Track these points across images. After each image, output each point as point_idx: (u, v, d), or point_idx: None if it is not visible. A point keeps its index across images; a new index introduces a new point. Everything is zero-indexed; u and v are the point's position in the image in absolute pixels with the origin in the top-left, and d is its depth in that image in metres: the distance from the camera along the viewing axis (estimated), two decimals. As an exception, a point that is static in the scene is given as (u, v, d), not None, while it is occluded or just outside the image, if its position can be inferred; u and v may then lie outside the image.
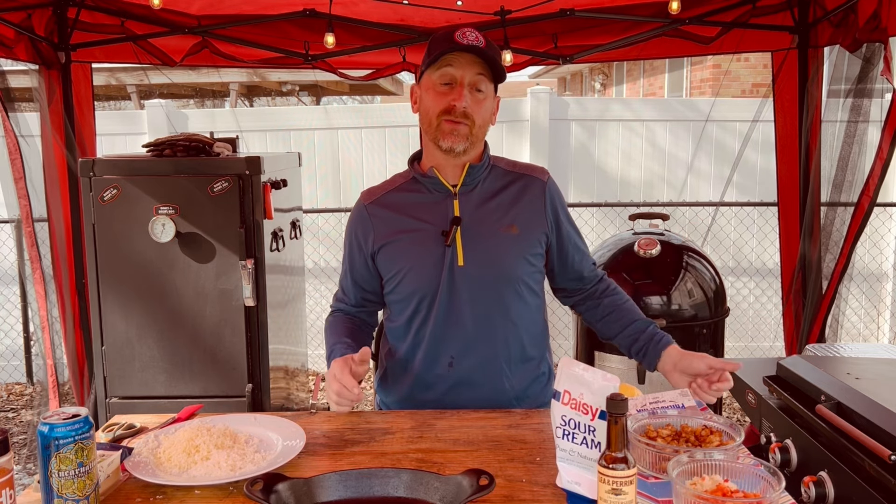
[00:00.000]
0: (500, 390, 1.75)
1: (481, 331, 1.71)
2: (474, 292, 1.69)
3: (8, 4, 2.80)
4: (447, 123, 1.65)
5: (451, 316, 1.70)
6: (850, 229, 2.69)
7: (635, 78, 12.65)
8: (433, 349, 1.73)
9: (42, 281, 3.10)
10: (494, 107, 1.75)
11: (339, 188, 5.35)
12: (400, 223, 1.73)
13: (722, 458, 1.22)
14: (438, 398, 1.75)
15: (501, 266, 1.70)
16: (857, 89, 2.82)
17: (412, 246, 1.70)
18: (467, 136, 1.66)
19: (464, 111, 1.64)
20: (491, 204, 1.74)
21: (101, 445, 1.45)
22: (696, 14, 3.18)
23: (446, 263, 1.68)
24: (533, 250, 1.74)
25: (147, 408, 2.77)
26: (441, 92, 1.66)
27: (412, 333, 1.75)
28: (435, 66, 1.67)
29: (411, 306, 1.73)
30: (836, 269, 2.78)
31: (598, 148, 5.31)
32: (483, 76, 1.66)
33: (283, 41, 3.37)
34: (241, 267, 2.76)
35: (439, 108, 1.66)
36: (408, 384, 1.78)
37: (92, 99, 3.42)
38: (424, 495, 1.25)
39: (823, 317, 2.86)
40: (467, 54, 1.63)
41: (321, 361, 5.49)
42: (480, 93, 1.67)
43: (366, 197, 1.82)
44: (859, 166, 2.85)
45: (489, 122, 1.73)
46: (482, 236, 1.70)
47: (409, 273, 1.70)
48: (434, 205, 1.73)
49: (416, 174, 1.77)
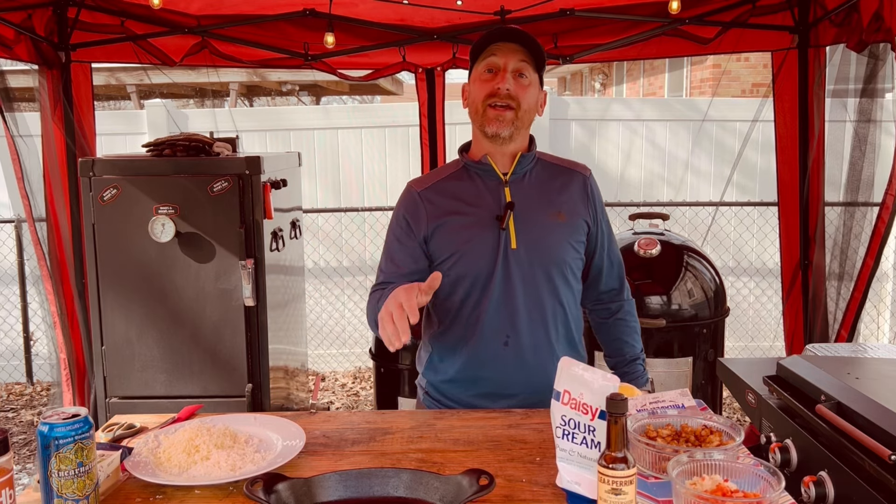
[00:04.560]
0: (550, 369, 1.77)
1: (533, 311, 1.78)
2: (526, 274, 1.76)
3: (8, 4, 2.80)
4: (491, 110, 1.72)
5: (506, 296, 1.76)
6: (876, 228, 2.68)
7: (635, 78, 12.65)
8: (489, 328, 1.78)
9: (50, 278, 3.10)
10: (541, 98, 1.81)
11: (339, 188, 5.35)
12: (453, 207, 1.78)
13: (722, 457, 1.22)
14: (492, 376, 1.79)
15: (551, 250, 1.78)
16: (867, 89, 2.82)
17: (467, 229, 1.76)
18: (512, 120, 1.72)
19: (508, 93, 1.70)
20: (540, 192, 1.81)
21: (101, 445, 1.45)
22: (695, 14, 3.17)
23: (501, 246, 1.75)
24: (577, 237, 1.83)
25: (147, 408, 2.77)
26: (485, 79, 1.74)
27: (467, 313, 1.79)
28: (480, 59, 1.75)
29: (466, 287, 1.77)
30: (863, 268, 2.77)
31: (598, 148, 5.31)
32: (526, 63, 1.73)
33: (282, 41, 3.37)
34: (241, 267, 2.76)
35: (484, 93, 1.73)
36: (461, 362, 1.81)
37: (92, 99, 3.41)
38: (424, 495, 1.25)
39: (853, 317, 2.86)
40: (510, 43, 1.71)
41: (321, 361, 5.49)
42: (524, 78, 1.73)
43: (416, 184, 1.87)
44: (878, 165, 2.85)
45: (535, 111, 1.79)
46: (533, 222, 1.77)
47: (466, 255, 1.76)
48: (486, 191, 1.79)
49: (468, 162, 1.83)
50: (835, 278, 3.04)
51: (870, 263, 2.73)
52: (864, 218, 2.91)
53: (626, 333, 1.97)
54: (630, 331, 1.98)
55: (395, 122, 5.28)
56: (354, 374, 5.48)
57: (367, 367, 5.44)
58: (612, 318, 1.98)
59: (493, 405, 1.78)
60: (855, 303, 2.83)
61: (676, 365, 3.13)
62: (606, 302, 1.98)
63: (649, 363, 3.08)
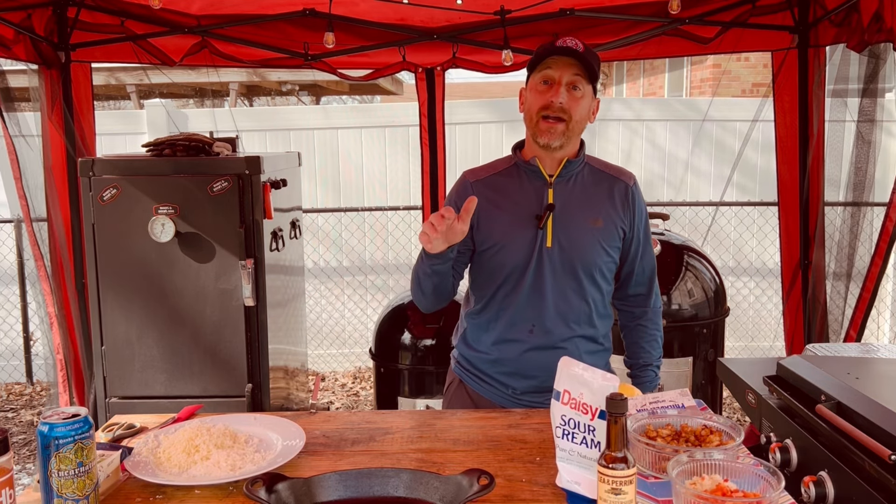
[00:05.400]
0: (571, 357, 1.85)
1: (560, 306, 1.90)
2: (557, 271, 1.89)
3: (8, 4, 2.79)
4: (544, 122, 1.83)
5: (536, 289, 1.89)
6: (884, 228, 2.69)
7: (635, 77, 12.64)
8: (517, 315, 1.91)
9: (47, 278, 3.10)
10: (594, 107, 1.91)
11: (339, 188, 5.35)
12: (500, 202, 1.91)
13: (722, 457, 1.22)
14: (517, 356, 1.92)
15: (583, 253, 1.89)
16: (868, 89, 2.82)
17: (509, 225, 1.89)
18: (563, 132, 1.83)
19: (561, 106, 1.81)
20: (581, 197, 1.92)
21: (101, 445, 1.45)
22: (695, 14, 3.17)
23: (537, 244, 1.87)
24: (612, 242, 1.93)
25: (147, 408, 2.77)
26: (541, 91, 1.84)
27: (500, 298, 1.93)
28: (537, 70, 1.86)
29: (502, 276, 1.91)
30: (871, 268, 2.78)
31: (599, 148, 5.31)
32: (580, 77, 1.82)
33: (282, 41, 3.37)
34: (241, 267, 2.76)
35: (539, 105, 1.84)
36: (490, 341, 1.96)
37: (92, 98, 3.41)
38: (424, 495, 1.25)
39: (862, 317, 2.86)
40: (566, 57, 1.81)
41: (321, 361, 5.49)
42: (577, 90, 1.83)
43: (471, 175, 1.99)
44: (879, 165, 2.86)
45: (586, 120, 1.89)
46: (570, 224, 1.89)
47: (505, 248, 1.89)
48: (531, 191, 1.91)
49: (519, 161, 1.95)
50: (836, 278, 3.04)
51: (878, 263, 2.74)
52: (864, 218, 2.91)
53: (645, 339, 2.08)
54: (648, 337, 2.08)
55: (394, 122, 5.28)
56: (354, 374, 5.48)
57: (367, 367, 5.45)
58: (634, 322, 2.10)
59: (516, 384, 1.94)
60: (864, 303, 2.83)
61: (676, 365, 3.13)
62: (632, 305, 2.09)
63: (649, 363, 3.09)
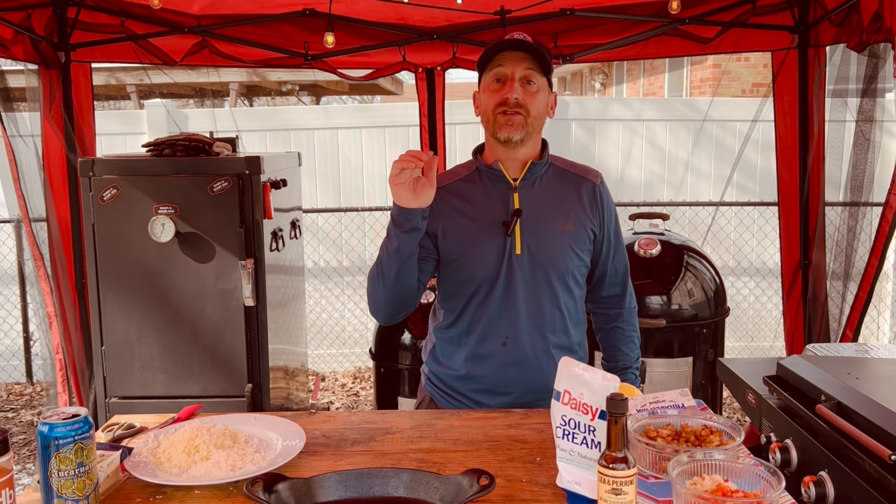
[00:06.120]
0: (546, 371, 1.82)
1: (533, 315, 1.82)
2: (528, 279, 1.81)
3: (8, 4, 2.79)
4: (502, 116, 1.76)
5: (508, 300, 1.81)
6: (880, 228, 2.69)
7: (635, 77, 12.64)
8: (489, 328, 1.83)
9: (46, 278, 3.10)
10: (551, 101, 1.85)
11: (339, 188, 5.35)
12: (464, 210, 1.83)
13: (722, 457, 1.22)
14: (491, 373, 1.84)
15: (554, 258, 1.82)
16: (868, 89, 2.82)
17: (475, 233, 1.81)
18: (522, 125, 1.76)
19: (517, 101, 1.75)
20: (548, 199, 1.85)
21: (101, 445, 1.45)
22: (695, 14, 3.17)
23: (506, 252, 1.80)
24: (583, 245, 1.86)
25: (147, 408, 2.77)
26: (494, 89, 1.78)
27: (471, 312, 1.84)
28: (488, 69, 1.79)
29: (472, 288, 1.82)
30: (867, 268, 2.78)
31: (599, 148, 5.31)
32: (533, 70, 1.76)
33: (282, 41, 3.37)
34: (241, 267, 2.76)
35: (494, 103, 1.77)
36: (461, 358, 1.87)
37: (92, 99, 3.41)
38: (424, 495, 1.25)
39: (858, 317, 2.86)
40: (516, 52, 1.75)
41: (321, 361, 5.49)
42: (532, 84, 1.77)
43: None
44: (878, 165, 2.86)
45: (545, 114, 1.83)
46: (539, 229, 1.81)
47: (473, 258, 1.81)
48: (496, 196, 1.84)
49: (481, 166, 1.87)
50: (836, 278, 3.04)
51: (874, 263, 2.74)
52: (864, 218, 2.91)
53: (622, 342, 2.01)
54: (626, 339, 2.01)
55: (395, 122, 5.28)
56: (354, 374, 5.48)
57: (367, 367, 5.44)
58: (610, 324, 2.02)
59: (489, 401, 1.85)
60: (860, 303, 2.83)
61: (676, 365, 3.13)
62: (607, 307, 2.02)
63: (649, 363, 3.10)
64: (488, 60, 1.78)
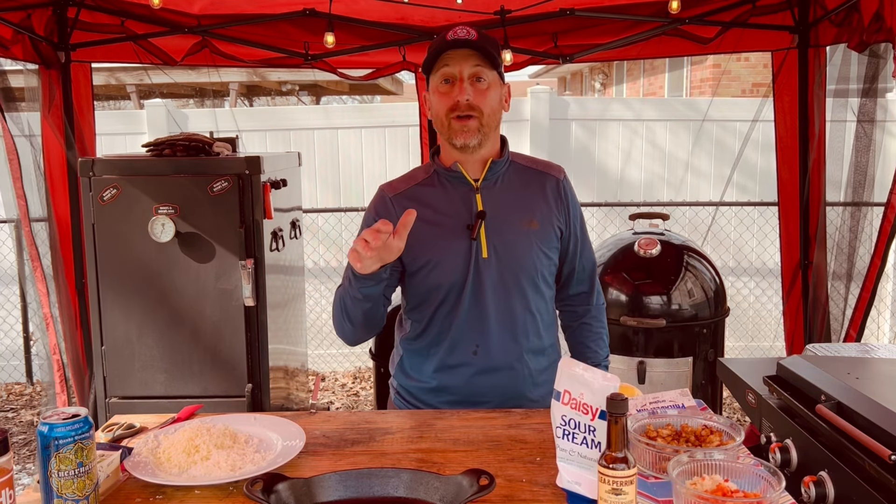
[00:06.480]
0: (520, 376, 1.80)
1: (504, 319, 1.76)
2: (497, 284, 1.75)
3: (7, 4, 2.79)
4: (456, 121, 1.70)
5: (477, 306, 1.75)
6: (882, 228, 2.69)
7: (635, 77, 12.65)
8: (459, 337, 1.77)
9: (43, 279, 3.10)
10: (504, 93, 1.79)
11: (339, 188, 5.35)
12: (425, 215, 1.73)
13: (722, 457, 1.22)
14: (462, 384, 1.79)
15: (522, 259, 1.76)
16: (868, 89, 2.82)
17: (438, 239, 1.74)
18: (478, 128, 1.71)
19: (468, 103, 1.68)
20: (512, 198, 1.79)
21: (101, 445, 1.45)
22: (695, 14, 3.17)
23: (472, 256, 1.73)
24: (550, 244, 1.80)
25: (147, 408, 2.77)
26: (444, 91, 1.72)
27: (439, 321, 1.78)
28: (435, 69, 1.72)
29: (439, 296, 1.76)
30: (870, 268, 2.77)
31: (599, 148, 5.31)
32: (481, 66, 1.70)
33: (283, 41, 3.37)
34: (241, 267, 2.76)
35: (446, 107, 1.71)
36: (430, 369, 1.81)
37: (92, 99, 3.41)
38: (424, 495, 1.25)
39: (862, 317, 2.86)
40: (461, 50, 1.68)
41: (321, 361, 5.49)
42: (482, 81, 1.70)
43: (389, 189, 1.84)
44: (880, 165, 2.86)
45: (500, 110, 1.77)
46: (504, 230, 1.75)
47: (439, 264, 1.74)
48: (458, 199, 1.77)
49: (439, 169, 1.81)
50: (837, 278, 3.04)
51: (877, 263, 2.74)
52: (864, 218, 2.91)
53: (590, 339, 1.94)
54: (594, 336, 1.95)
55: (395, 122, 5.28)
56: (354, 374, 5.48)
57: (367, 367, 5.44)
58: (577, 321, 1.96)
59: None
60: (863, 303, 2.83)
61: (676, 365, 3.13)
62: (575, 304, 1.96)
63: (649, 363, 3.10)
64: (434, 61, 1.71)
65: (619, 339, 3.14)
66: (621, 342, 3.14)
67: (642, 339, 3.13)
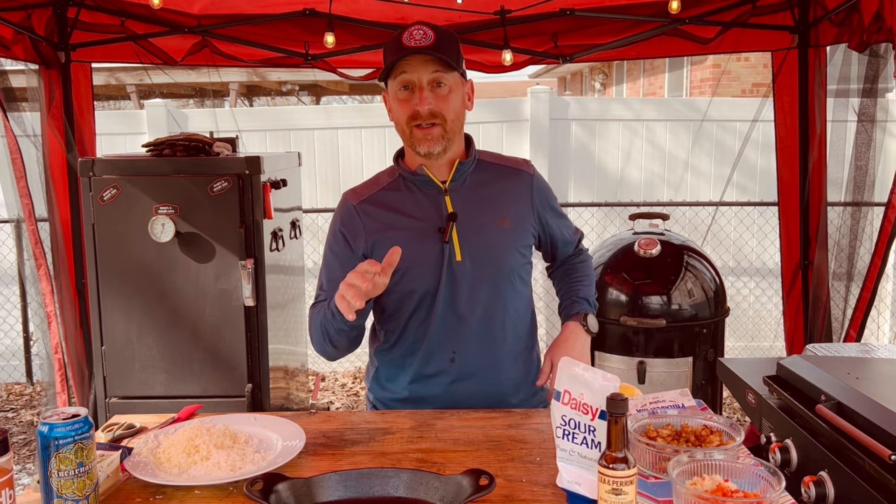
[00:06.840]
0: (499, 381, 1.77)
1: (482, 324, 1.72)
2: (472, 286, 1.70)
3: (8, 4, 2.79)
4: (418, 130, 1.66)
5: (453, 311, 1.71)
6: (882, 228, 2.69)
7: (635, 77, 12.65)
8: (435, 344, 1.72)
9: (48, 277, 3.10)
10: (467, 92, 1.73)
11: (339, 188, 5.30)
12: (393, 221, 1.71)
13: (722, 457, 1.22)
14: (440, 393, 1.75)
15: (497, 260, 1.72)
16: (869, 89, 2.82)
17: (409, 244, 1.64)
18: (441, 135, 1.66)
19: (430, 111, 1.64)
20: (481, 198, 1.75)
21: (101, 445, 1.45)
22: (695, 14, 3.17)
23: (445, 260, 1.69)
24: (524, 242, 1.77)
25: (147, 408, 2.77)
26: (403, 98, 1.66)
27: (413, 329, 1.74)
28: (393, 76, 1.67)
29: (412, 303, 1.71)
30: (871, 268, 2.77)
31: (599, 148, 5.31)
32: (440, 71, 1.64)
33: (283, 41, 3.37)
34: (241, 267, 2.76)
35: (406, 116, 1.66)
36: (407, 380, 1.77)
37: (92, 99, 3.41)
38: (424, 495, 1.25)
39: (862, 317, 2.86)
40: (418, 55, 1.62)
41: (321, 361, 5.49)
42: (442, 87, 1.65)
43: (352, 196, 1.79)
44: (880, 165, 2.86)
45: (463, 112, 1.72)
46: (477, 231, 1.71)
47: (410, 271, 1.67)
48: (426, 202, 1.73)
49: (404, 173, 1.76)
50: (837, 278, 3.04)
51: (877, 263, 2.74)
52: (865, 218, 2.91)
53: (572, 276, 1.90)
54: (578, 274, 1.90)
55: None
56: (354, 374, 5.48)
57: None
58: (562, 266, 1.95)
59: None
60: (863, 303, 2.84)
61: (676, 365, 3.13)
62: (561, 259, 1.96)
63: (649, 363, 3.10)
64: (391, 69, 1.64)
65: (619, 339, 3.14)
66: (621, 342, 3.14)
67: (642, 339, 3.12)
